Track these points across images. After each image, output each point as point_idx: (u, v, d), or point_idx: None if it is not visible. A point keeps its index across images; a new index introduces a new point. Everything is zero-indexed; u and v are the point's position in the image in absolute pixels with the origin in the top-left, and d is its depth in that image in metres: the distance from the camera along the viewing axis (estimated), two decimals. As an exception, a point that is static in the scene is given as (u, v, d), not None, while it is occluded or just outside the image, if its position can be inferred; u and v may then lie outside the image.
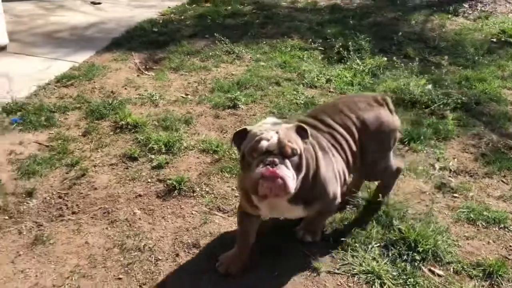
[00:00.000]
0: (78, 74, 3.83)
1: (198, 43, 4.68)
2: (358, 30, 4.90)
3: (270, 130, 1.75)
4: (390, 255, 2.12)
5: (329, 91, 3.72)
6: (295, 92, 3.65)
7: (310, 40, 4.70)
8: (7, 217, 2.32)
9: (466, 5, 6.40)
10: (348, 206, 2.41)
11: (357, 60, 4.14)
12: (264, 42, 4.72)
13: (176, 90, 3.71)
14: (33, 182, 2.56)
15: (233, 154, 2.81)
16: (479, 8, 6.35)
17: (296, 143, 1.76)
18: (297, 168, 1.75)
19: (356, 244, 2.16)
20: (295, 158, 1.73)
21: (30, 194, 2.48)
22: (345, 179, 2.11)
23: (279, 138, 1.71)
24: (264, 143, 1.70)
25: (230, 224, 2.31)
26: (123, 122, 3.11)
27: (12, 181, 2.57)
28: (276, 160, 1.68)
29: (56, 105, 3.34)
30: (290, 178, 1.69)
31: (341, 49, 4.26)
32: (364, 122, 2.14)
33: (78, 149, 2.88)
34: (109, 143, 2.94)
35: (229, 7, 5.94)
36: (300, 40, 4.78)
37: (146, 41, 4.66)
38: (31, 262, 2.05)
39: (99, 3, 5.76)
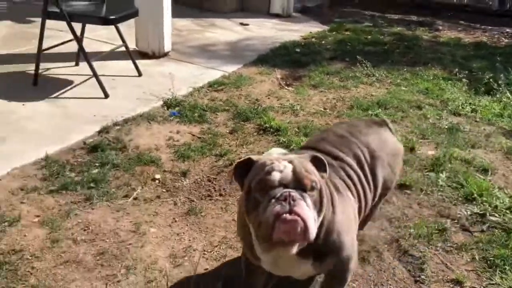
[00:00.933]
0: (227, 81, 4.16)
1: (338, 65, 4.81)
2: (507, 67, 4.65)
3: (281, 160, 1.40)
4: (545, 284, 1.96)
5: (475, 120, 3.57)
6: (438, 117, 3.57)
7: (455, 71, 4.57)
8: (164, 190, 2.59)
9: None
10: (496, 230, 2.29)
11: (508, 94, 3.93)
12: (405, 69, 4.69)
13: (315, 104, 3.84)
14: (187, 165, 2.83)
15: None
16: None
17: (314, 174, 1.40)
18: (318, 207, 1.38)
19: (506, 267, 2.03)
20: (315, 194, 1.37)
21: (184, 174, 2.74)
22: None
23: (294, 168, 1.36)
24: (276, 175, 1.34)
25: (369, 227, 2.32)
26: (266, 125, 3.31)
27: (170, 162, 2.86)
28: (294, 194, 1.31)
29: (207, 105, 3.66)
30: (312, 218, 1.32)
31: (491, 80, 4.08)
32: (369, 146, 1.85)
33: (225, 143, 3.11)
34: (253, 142, 3.14)
35: (369, 36, 6.02)
36: (443, 71, 4.67)
37: (289, 60, 4.90)
38: (184, 228, 2.27)
39: (247, 24, 6.22)
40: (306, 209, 1.31)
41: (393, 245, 2.19)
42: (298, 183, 1.34)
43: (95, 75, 3.55)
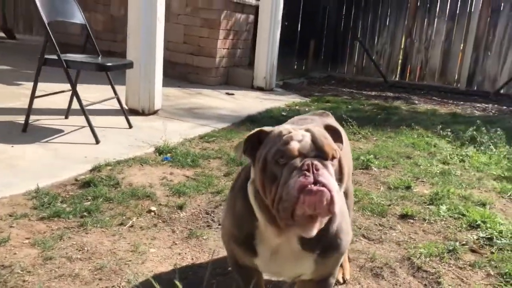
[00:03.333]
0: (218, 135, 4.19)
1: (325, 126, 4.93)
2: (486, 126, 4.86)
3: (298, 129, 1.28)
4: None
5: (465, 168, 3.64)
6: (428, 164, 3.63)
7: (438, 129, 4.75)
8: (161, 221, 2.48)
9: None
10: (506, 251, 2.24)
11: (491, 146, 4.07)
12: (389, 130, 4.85)
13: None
14: (183, 200, 2.75)
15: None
16: None
17: (334, 143, 1.28)
18: (338, 177, 1.25)
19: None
20: (335, 163, 1.25)
21: (180, 207, 2.65)
22: None
23: (313, 136, 1.24)
24: (294, 144, 1.22)
25: (377, 248, 2.25)
26: (262, 168, 3.29)
27: (165, 197, 2.77)
28: (316, 163, 1.19)
29: (200, 153, 3.64)
30: (337, 188, 1.19)
31: (475, 132, 4.24)
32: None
33: (221, 184, 3.06)
34: (250, 182, 3.10)
35: (350, 106, 6.27)
36: (426, 131, 4.84)
37: (276, 121, 4.99)
38: (186, 249, 2.14)
39: (232, 94, 6.41)
40: (331, 179, 1.18)
41: (405, 263, 2.11)
42: (319, 151, 1.22)
43: (87, 120, 3.53)
